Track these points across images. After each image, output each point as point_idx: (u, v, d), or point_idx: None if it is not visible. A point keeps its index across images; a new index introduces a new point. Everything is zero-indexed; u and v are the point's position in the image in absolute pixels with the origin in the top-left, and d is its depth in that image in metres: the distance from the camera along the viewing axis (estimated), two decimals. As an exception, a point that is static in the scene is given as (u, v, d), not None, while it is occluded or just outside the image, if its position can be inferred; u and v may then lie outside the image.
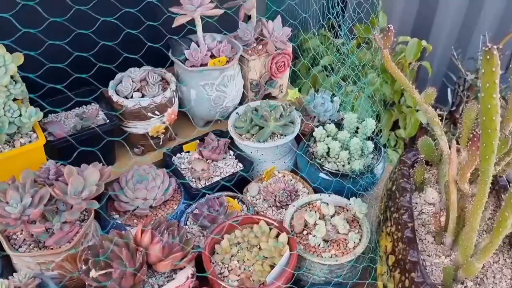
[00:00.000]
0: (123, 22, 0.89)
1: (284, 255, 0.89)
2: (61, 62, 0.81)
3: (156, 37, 0.97)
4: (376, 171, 1.19)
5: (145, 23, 0.92)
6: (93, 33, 0.83)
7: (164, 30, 1.00)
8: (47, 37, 0.79)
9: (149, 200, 1.09)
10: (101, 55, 0.84)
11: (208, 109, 1.28)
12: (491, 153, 0.70)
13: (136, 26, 0.92)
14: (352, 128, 1.23)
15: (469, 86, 2.25)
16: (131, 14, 0.91)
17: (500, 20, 2.34)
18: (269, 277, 0.87)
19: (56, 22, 0.82)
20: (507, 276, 0.89)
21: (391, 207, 1.01)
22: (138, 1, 0.97)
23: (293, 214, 1.04)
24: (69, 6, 0.84)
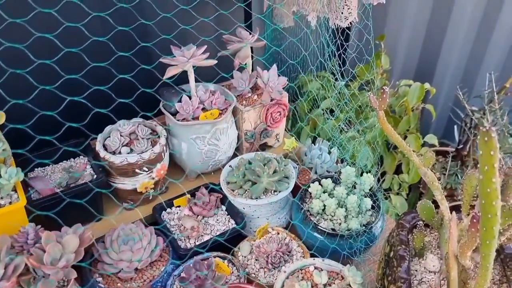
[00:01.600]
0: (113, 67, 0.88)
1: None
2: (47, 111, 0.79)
3: (148, 82, 0.95)
4: (375, 229, 1.13)
5: (137, 68, 0.90)
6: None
7: (157, 75, 0.98)
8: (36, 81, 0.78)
9: (134, 263, 1.03)
10: (89, 103, 0.82)
11: (200, 162, 1.24)
12: (491, 238, 0.65)
13: (127, 71, 0.90)
14: (349, 183, 1.18)
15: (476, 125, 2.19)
16: (122, 59, 0.90)
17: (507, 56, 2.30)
18: None
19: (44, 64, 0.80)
20: None
21: (388, 276, 0.95)
22: (131, 45, 0.95)
23: (284, 281, 0.98)
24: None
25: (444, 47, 2.21)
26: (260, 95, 1.32)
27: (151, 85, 0.97)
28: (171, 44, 1.16)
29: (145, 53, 1.02)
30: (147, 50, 1.00)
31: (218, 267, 1.06)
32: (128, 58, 0.94)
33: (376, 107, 0.91)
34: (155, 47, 0.99)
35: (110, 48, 0.91)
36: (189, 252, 1.08)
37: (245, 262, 1.11)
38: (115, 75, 0.90)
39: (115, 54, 0.91)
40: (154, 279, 1.04)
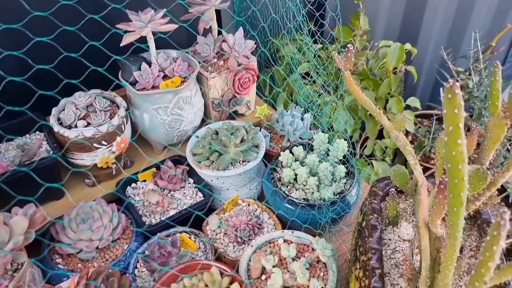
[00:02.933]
0: (67, 42, 0.80)
1: (234, 312, 0.78)
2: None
3: (108, 56, 0.87)
4: (349, 198, 1.07)
5: (93, 42, 0.82)
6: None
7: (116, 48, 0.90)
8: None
9: (94, 242, 0.98)
10: (43, 79, 0.75)
11: (164, 134, 1.17)
12: (459, 205, 0.59)
13: (83, 44, 0.83)
14: (322, 150, 1.12)
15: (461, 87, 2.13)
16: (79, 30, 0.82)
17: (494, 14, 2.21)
18: None
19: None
20: (489, 328, 0.78)
21: (360, 247, 0.90)
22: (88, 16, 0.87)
23: (251, 256, 0.93)
24: None
25: (428, 6, 2.12)
26: (227, 60, 1.24)
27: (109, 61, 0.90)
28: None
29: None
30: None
31: (184, 243, 1.00)
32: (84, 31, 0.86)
33: (341, 67, 0.84)
34: (112, 16, 0.91)
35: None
36: (154, 228, 1.03)
37: (214, 237, 1.06)
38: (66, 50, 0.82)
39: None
40: (116, 258, 0.99)
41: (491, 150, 0.80)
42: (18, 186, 0.88)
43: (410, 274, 0.82)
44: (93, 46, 0.81)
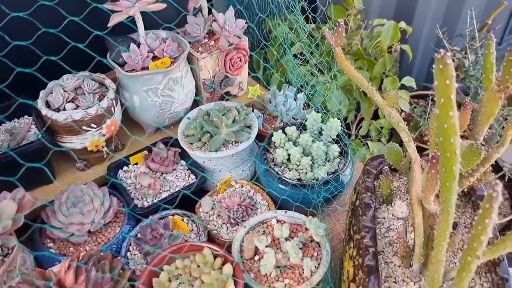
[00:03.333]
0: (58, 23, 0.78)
1: (227, 292, 0.78)
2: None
3: (96, 37, 0.85)
4: (343, 177, 1.06)
5: (82, 23, 0.79)
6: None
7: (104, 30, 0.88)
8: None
9: (86, 225, 0.97)
10: (34, 62, 0.73)
11: (155, 115, 1.15)
12: (452, 180, 0.58)
13: (73, 26, 0.80)
14: (315, 130, 1.10)
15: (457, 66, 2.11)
16: (65, 10, 0.79)
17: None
18: (209, 320, 0.76)
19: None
20: (483, 304, 0.78)
21: (353, 226, 0.89)
22: None
23: (244, 236, 0.92)
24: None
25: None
26: (217, 40, 1.22)
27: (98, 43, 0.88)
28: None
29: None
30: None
31: (176, 225, 1.00)
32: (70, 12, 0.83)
33: (332, 43, 0.82)
34: None
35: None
36: (146, 211, 1.02)
37: (207, 219, 1.05)
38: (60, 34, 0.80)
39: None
40: (109, 242, 0.98)
41: (485, 125, 0.79)
42: (7, 171, 0.87)
43: (403, 252, 0.81)
44: (80, 29, 0.79)
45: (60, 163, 1.14)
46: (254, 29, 1.42)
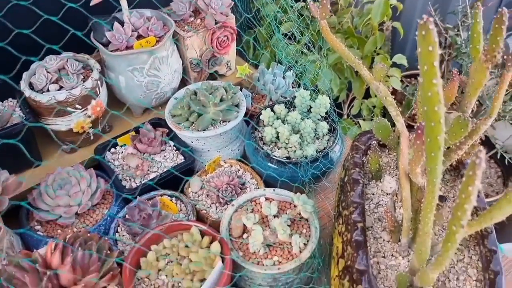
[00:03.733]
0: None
1: (215, 268, 0.77)
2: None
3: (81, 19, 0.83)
4: (332, 154, 1.05)
5: None
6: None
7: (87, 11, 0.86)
8: None
9: (73, 207, 0.96)
10: (16, 44, 0.71)
11: (142, 96, 1.13)
12: (437, 149, 0.57)
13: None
14: (304, 108, 1.09)
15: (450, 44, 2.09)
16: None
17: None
18: (197, 297, 0.76)
19: None
20: (472, 277, 0.77)
21: (342, 202, 0.88)
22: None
23: (232, 215, 0.91)
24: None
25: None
26: (204, 19, 1.19)
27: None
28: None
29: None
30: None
31: (165, 205, 0.99)
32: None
33: (316, 16, 0.80)
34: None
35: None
36: (134, 192, 1.00)
37: (196, 199, 1.04)
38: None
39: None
40: (97, 223, 0.97)
41: (473, 97, 0.78)
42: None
43: (392, 226, 0.80)
44: (62, 8, 0.77)
45: (46, 146, 1.12)
46: (240, 8, 1.39)
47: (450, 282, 0.77)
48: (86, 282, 0.78)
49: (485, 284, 0.73)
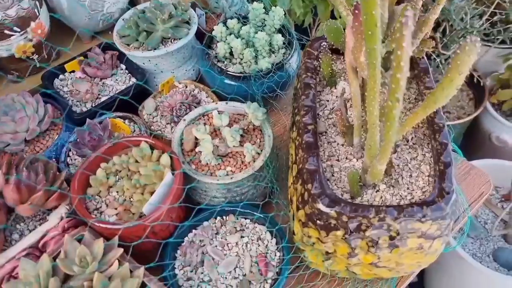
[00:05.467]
0: None
1: (163, 181, 0.75)
2: None
3: None
4: (289, 67, 1.02)
5: None
6: None
7: None
8: None
9: (20, 133, 0.93)
10: None
11: (87, 18, 1.07)
12: (373, 27, 0.54)
13: None
14: (258, 21, 1.05)
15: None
16: None
17: None
18: (146, 207, 0.74)
19: None
20: (424, 173, 0.77)
21: (295, 109, 0.86)
22: None
23: (184, 129, 0.89)
24: None
25: None
26: None
27: None
28: None
29: None
30: None
31: (117, 127, 0.96)
32: None
33: None
34: None
35: None
36: (85, 116, 0.97)
37: (151, 120, 1.01)
38: None
39: None
40: (47, 149, 0.94)
41: (422, -14, 0.74)
42: None
43: (343, 127, 0.79)
44: None
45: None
46: None
47: (403, 179, 0.77)
48: (33, 200, 0.76)
49: (436, 176, 0.73)
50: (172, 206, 0.74)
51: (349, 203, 0.68)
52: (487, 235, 1.55)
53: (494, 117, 1.82)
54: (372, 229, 0.68)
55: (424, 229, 0.68)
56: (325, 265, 0.79)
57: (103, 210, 0.79)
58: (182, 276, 0.78)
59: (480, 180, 0.99)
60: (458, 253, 1.41)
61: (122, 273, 0.70)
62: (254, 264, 0.78)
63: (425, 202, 0.68)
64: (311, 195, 0.70)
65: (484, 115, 1.87)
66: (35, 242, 0.77)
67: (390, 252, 0.71)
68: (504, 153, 1.82)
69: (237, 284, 0.76)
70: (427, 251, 0.72)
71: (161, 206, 0.73)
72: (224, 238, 0.81)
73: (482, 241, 1.54)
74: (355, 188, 0.73)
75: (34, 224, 0.80)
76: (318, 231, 0.72)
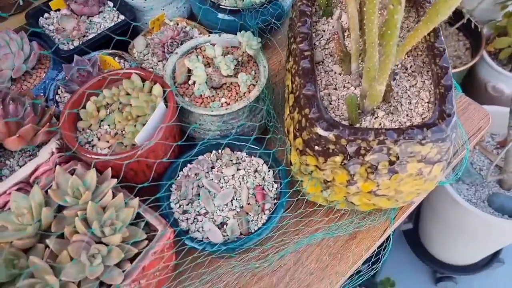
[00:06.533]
0: None
1: (155, 110, 0.73)
2: None
3: None
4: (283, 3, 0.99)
5: None
6: None
7: None
8: None
9: (5, 71, 0.89)
10: None
11: (70, -49, 1.02)
12: None
13: None
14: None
15: None
16: None
17: None
18: (139, 137, 0.72)
19: None
20: (424, 99, 0.75)
21: (291, 38, 0.83)
22: None
23: (176, 62, 0.86)
24: None
25: None
26: None
27: None
28: None
29: None
30: None
31: (106, 63, 0.93)
32: None
33: None
34: None
35: None
36: (72, 53, 0.93)
37: (141, 58, 0.98)
38: None
39: None
40: (34, 88, 0.91)
41: None
42: None
43: (340, 52, 0.76)
44: None
45: (-27, 17, 1.03)
46: None
47: (402, 106, 0.75)
48: (21, 133, 0.73)
49: (436, 99, 0.71)
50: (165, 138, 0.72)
51: (347, 126, 0.67)
52: (482, 181, 1.55)
53: (490, 66, 1.80)
54: (371, 153, 0.66)
55: (424, 152, 0.67)
56: (323, 196, 0.78)
57: (94, 143, 0.77)
58: (178, 210, 0.77)
59: (479, 114, 0.97)
60: (454, 198, 1.41)
61: (117, 202, 0.68)
62: (251, 196, 0.76)
63: (426, 124, 0.66)
64: (309, 120, 0.68)
65: (481, 64, 1.84)
66: (26, 177, 0.75)
67: (389, 179, 0.70)
68: (500, 103, 1.80)
69: (234, 216, 0.74)
70: (427, 177, 0.71)
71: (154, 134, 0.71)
72: (220, 171, 0.79)
73: (477, 187, 1.55)
74: (354, 114, 0.71)
75: (25, 160, 0.78)
76: (316, 158, 0.70)
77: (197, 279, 0.75)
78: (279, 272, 0.79)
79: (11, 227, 0.66)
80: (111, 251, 0.64)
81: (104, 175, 0.71)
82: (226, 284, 0.75)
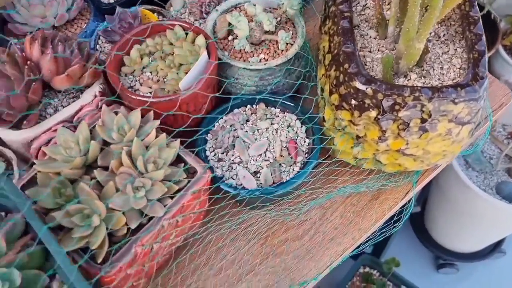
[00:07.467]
0: None
1: (199, 58, 0.76)
2: None
3: None
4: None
5: None
6: None
7: None
8: None
9: (49, 18, 0.92)
10: None
11: None
12: None
13: None
14: None
15: None
16: None
17: None
18: (182, 83, 0.75)
19: None
20: (456, 65, 0.78)
21: (329, 1, 0.86)
22: None
23: (216, 19, 0.89)
24: None
25: None
26: None
27: None
28: None
29: None
30: None
31: (146, 17, 0.95)
32: None
33: None
34: None
35: None
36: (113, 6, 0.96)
37: (178, 17, 1.01)
38: None
39: None
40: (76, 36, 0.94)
41: None
42: None
43: (379, 14, 0.79)
44: None
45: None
46: None
47: (435, 71, 0.78)
48: (70, 71, 0.76)
49: (469, 63, 0.74)
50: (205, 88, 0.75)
51: (384, 82, 0.70)
52: (492, 170, 1.59)
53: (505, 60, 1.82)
54: (405, 109, 0.69)
55: (456, 111, 0.70)
56: (353, 153, 0.81)
57: (137, 88, 0.80)
58: (213, 158, 0.80)
59: (501, 91, 1.00)
60: (464, 183, 1.45)
61: (160, 142, 0.71)
62: (284, 149, 0.80)
63: (459, 84, 0.69)
64: (348, 75, 0.71)
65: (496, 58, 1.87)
66: (70, 117, 0.78)
67: (419, 137, 0.73)
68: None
69: (267, 165, 0.78)
70: (455, 138, 0.74)
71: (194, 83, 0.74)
72: (254, 124, 0.83)
73: (486, 175, 1.58)
74: (389, 74, 0.74)
75: (68, 101, 0.81)
76: (351, 112, 0.73)
77: (226, 225, 0.78)
78: (304, 225, 0.83)
79: (60, 157, 0.69)
80: (154, 185, 0.68)
81: (147, 117, 0.74)
82: (258, 228, 0.79)
